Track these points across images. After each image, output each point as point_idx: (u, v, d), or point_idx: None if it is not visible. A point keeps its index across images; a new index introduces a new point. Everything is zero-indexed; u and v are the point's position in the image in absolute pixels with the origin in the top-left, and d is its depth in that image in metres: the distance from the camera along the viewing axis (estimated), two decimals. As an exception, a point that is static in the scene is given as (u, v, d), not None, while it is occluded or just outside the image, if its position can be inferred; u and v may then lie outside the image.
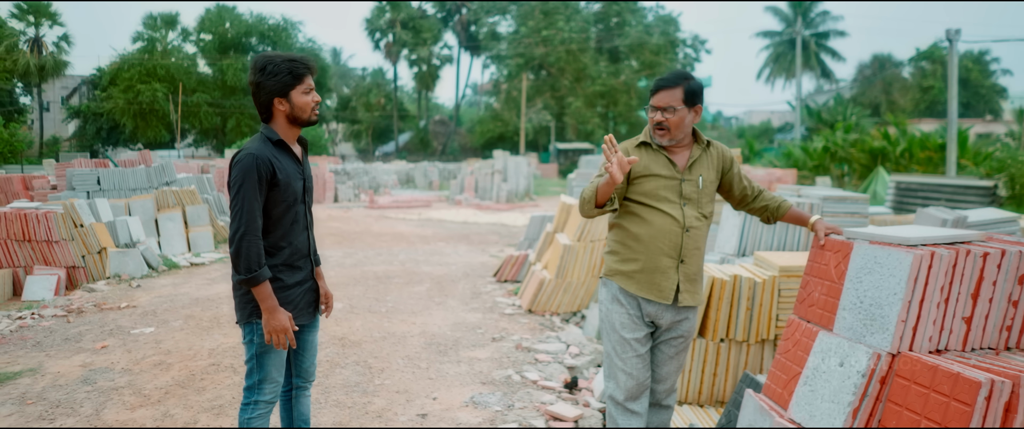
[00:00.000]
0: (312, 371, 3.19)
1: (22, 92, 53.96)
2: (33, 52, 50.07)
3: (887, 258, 2.53)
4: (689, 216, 2.99)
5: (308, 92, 2.89)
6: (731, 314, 3.99)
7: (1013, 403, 2.14)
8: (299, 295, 2.97)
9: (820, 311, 2.86)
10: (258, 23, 55.14)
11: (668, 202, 2.98)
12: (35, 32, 51.22)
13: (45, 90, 54.98)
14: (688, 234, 2.98)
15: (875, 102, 53.05)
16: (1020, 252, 2.51)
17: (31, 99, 55.11)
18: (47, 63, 50.15)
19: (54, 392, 4.72)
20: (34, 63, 49.24)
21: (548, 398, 4.59)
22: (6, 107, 46.94)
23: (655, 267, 2.98)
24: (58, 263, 8.89)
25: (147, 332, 6.37)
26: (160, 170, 13.48)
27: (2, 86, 47.08)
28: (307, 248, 3.03)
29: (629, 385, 3.04)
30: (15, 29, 50.96)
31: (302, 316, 2.99)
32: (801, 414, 2.68)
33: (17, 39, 50.42)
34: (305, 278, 3.01)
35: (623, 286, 3.04)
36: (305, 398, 3.21)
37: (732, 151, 3.17)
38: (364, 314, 7.13)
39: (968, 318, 2.50)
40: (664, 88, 2.94)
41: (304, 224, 3.00)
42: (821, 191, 5.51)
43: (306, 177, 3.03)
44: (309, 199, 3.06)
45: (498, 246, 12.88)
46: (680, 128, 2.95)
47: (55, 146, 50.01)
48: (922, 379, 2.31)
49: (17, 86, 51.75)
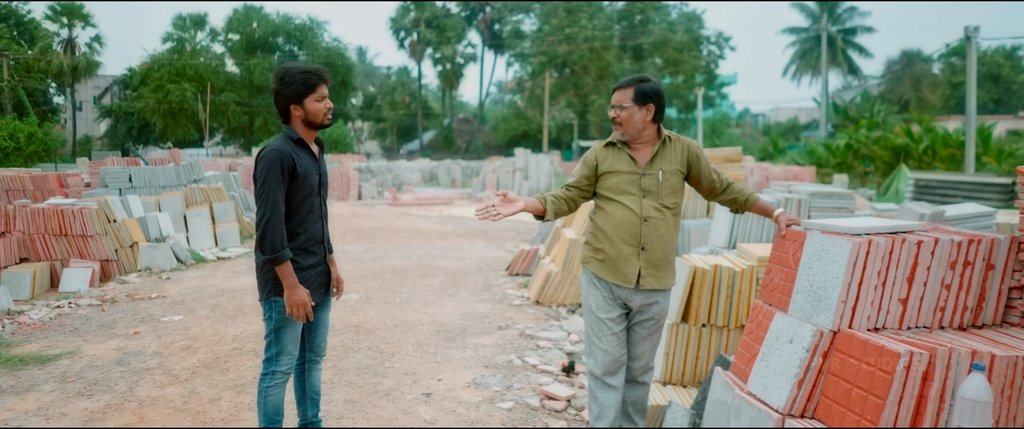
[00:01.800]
0: (323, 346, 3.57)
1: (56, 92, 55.16)
2: (66, 53, 51.19)
3: (832, 245, 2.81)
4: (647, 207, 3.31)
5: (321, 99, 3.25)
6: (712, 301, 4.27)
7: (930, 372, 2.41)
8: (313, 276, 3.34)
9: (779, 295, 3.14)
10: (284, 23, 55.89)
11: (628, 195, 3.33)
12: (68, 33, 52.35)
13: (78, 90, 56.16)
14: (646, 224, 3.29)
15: (904, 99, 52.44)
16: (952, 241, 2.77)
17: (64, 99, 56.33)
18: (80, 64, 51.23)
19: (91, 372, 5.13)
20: (67, 64, 50.33)
21: (545, 380, 4.92)
22: (41, 107, 48.01)
23: (618, 255, 3.32)
24: (92, 256, 9.35)
25: (176, 320, 6.78)
26: (189, 168, 13.96)
27: (37, 86, 48.19)
28: (321, 235, 3.40)
29: (606, 361, 3.36)
30: (49, 30, 52.13)
31: (315, 295, 3.36)
32: (757, 387, 2.97)
33: (51, 40, 51.56)
34: (318, 262, 3.38)
35: (595, 272, 3.39)
36: (317, 371, 3.58)
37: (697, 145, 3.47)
38: (379, 304, 7.49)
39: (904, 300, 2.77)
40: (619, 89, 3.35)
41: (319, 214, 3.38)
42: (809, 187, 5.75)
43: (322, 173, 3.40)
44: (324, 192, 3.44)
45: (514, 242, 13.20)
46: (631, 123, 3.30)
47: (87, 145, 51.05)
48: (855, 352, 2.59)
49: (51, 86, 52.95)
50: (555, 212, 3.38)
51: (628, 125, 3.31)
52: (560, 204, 3.40)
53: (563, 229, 7.97)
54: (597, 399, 3.43)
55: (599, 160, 3.41)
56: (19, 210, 9.29)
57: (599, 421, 3.43)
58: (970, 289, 2.81)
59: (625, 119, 3.31)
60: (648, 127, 3.34)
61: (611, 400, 3.41)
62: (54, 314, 7.05)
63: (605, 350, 3.37)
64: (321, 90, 3.25)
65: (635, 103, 3.29)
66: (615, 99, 3.35)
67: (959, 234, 2.88)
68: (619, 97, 3.33)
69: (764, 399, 2.88)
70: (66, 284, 8.81)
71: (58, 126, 49.53)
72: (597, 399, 3.43)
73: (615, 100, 3.35)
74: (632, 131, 3.32)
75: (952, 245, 2.77)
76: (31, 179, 13.68)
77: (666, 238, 3.34)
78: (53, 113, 51.12)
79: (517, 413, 4.34)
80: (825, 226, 3.00)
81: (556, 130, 55.49)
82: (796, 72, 60.74)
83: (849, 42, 58.51)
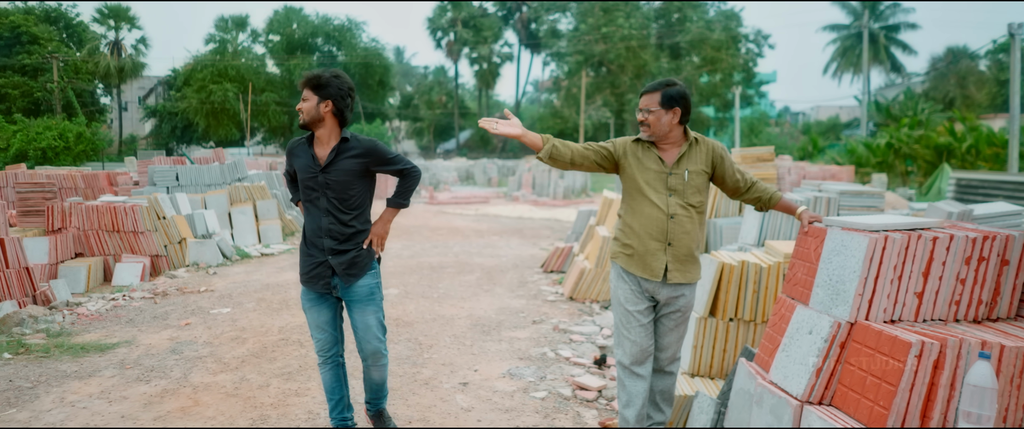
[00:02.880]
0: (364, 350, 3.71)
1: (103, 93, 56.63)
2: (113, 55, 52.51)
3: (850, 241, 2.95)
4: (673, 205, 3.47)
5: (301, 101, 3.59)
6: (739, 296, 4.40)
7: (941, 361, 2.54)
8: (307, 265, 3.63)
9: (801, 289, 3.28)
10: (324, 24, 56.69)
11: (655, 193, 3.48)
12: (115, 35, 53.70)
13: (123, 91, 57.58)
14: (672, 220, 3.46)
15: (949, 97, 51.32)
16: (966, 237, 2.89)
17: (111, 99, 57.81)
18: (126, 65, 52.52)
19: (148, 359, 5.43)
20: (114, 65, 51.63)
21: (577, 371, 5.10)
22: (88, 107, 49.35)
23: (646, 250, 3.48)
24: (143, 252, 9.74)
25: (224, 312, 7.09)
26: (232, 167, 14.38)
27: (85, 87, 49.57)
28: (313, 234, 3.60)
29: (634, 351, 3.54)
30: (96, 33, 53.53)
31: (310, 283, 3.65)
32: (778, 375, 3.11)
33: (99, 42, 52.93)
34: (315, 254, 3.60)
35: (623, 266, 3.55)
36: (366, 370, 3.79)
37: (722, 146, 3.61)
38: (417, 299, 7.73)
39: (920, 293, 2.89)
40: (646, 93, 3.51)
41: (316, 212, 3.57)
42: (839, 186, 5.84)
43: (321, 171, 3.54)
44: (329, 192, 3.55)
45: (549, 240, 13.37)
46: (658, 126, 3.46)
47: (133, 144, 52.30)
48: (870, 342, 2.73)
49: (98, 87, 54.38)
50: (551, 154, 3.41)
51: (655, 127, 3.47)
52: (562, 149, 3.43)
53: (597, 227, 8.13)
54: (626, 387, 3.61)
55: (624, 151, 3.55)
56: (74, 207, 9.72)
57: (628, 408, 3.61)
58: (985, 284, 2.92)
59: (653, 122, 3.46)
60: (675, 129, 3.49)
61: (639, 388, 3.58)
62: (110, 306, 7.41)
63: (633, 341, 3.54)
64: (304, 92, 3.55)
65: (662, 107, 3.44)
66: (643, 103, 3.50)
67: (974, 231, 2.99)
68: (647, 101, 3.48)
69: (784, 387, 3.03)
70: (119, 278, 9.21)
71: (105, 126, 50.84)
72: (626, 387, 3.61)
73: (643, 104, 3.50)
74: (659, 133, 3.48)
75: (966, 241, 2.89)
76: (82, 178, 14.19)
77: (692, 234, 3.49)
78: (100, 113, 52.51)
79: (550, 402, 4.53)
80: (845, 223, 3.12)
81: (592, 129, 55.47)
82: (837, 70, 59.85)
83: (892, 39, 57.49)
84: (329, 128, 3.56)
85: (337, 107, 3.52)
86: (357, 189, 3.59)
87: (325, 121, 3.54)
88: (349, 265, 3.57)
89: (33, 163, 33.40)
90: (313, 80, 3.51)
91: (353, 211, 3.58)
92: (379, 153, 3.59)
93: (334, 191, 3.54)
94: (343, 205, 3.55)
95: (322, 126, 3.55)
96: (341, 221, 3.56)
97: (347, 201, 3.56)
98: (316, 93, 3.50)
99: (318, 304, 3.67)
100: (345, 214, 3.56)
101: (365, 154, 3.56)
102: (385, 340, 3.74)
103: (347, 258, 3.57)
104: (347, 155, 3.54)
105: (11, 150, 35.63)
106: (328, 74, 3.53)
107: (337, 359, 3.77)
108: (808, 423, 2.81)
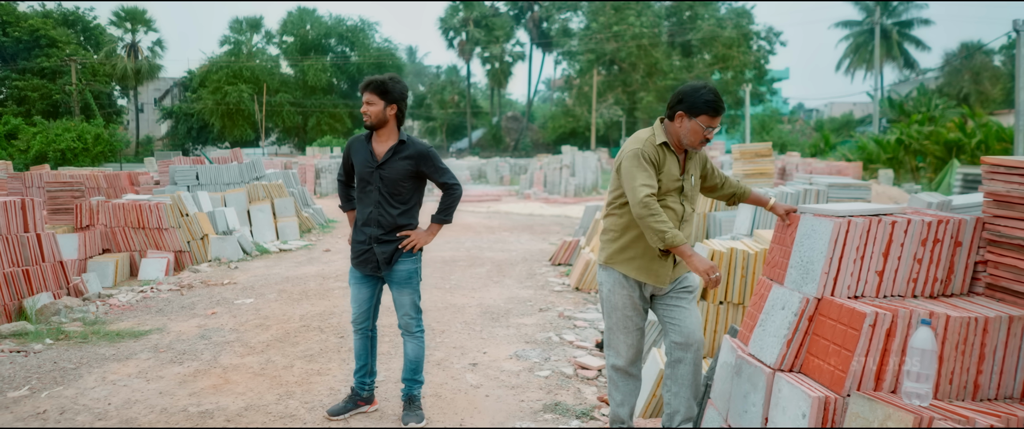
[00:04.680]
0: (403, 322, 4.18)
1: (119, 95, 57.38)
2: (130, 57, 53.25)
3: (818, 225, 3.27)
4: (686, 210, 3.60)
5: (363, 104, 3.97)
6: (728, 280, 4.73)
7: (893, 329, 2.86)
8: (357, 250, 4.06)
9: (777, 270, 3.60)
10: (337, 25, 57.21)
11: (672, 197, 3.54)
12: (132, 38, 54.47)
13: (140, 93, 58.36)
14: (684, 224, 3.60)
15: (963, 93, 51.13)
16: (922, 221, 3.21)
17: (127, 101, 58.56)
18: (142, 67, 53.24)
19: (179, 344, 5.83)
20: (131, 67, 52.36)
21: (580, 354, 5.44)
22: (106, 109, 50.12)
23: (653, 256, 3.53)
24: (167, 247, 10.16)
25: (247, 302, 7.49)
26: (250, 166, 14.80)
27: (102, 89, 50.35)
28: (364, 219, 4.03)
29: (631, 354, 3.67)
30: (113, 35, 54.29)
31: (360, 268, 4.10)
32: (755, 348, 3.44)
33: (115, 45, 53.69)
34: (363, 240, 4.03)
35: (624, 272, 3.57)
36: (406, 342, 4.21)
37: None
38: (430, 289, 8.10)
39: (880, 272, 3.21)
40: (718, 115, 3.45)
41: (368, 202, 4.00)
42: (828, 179, 6.15)
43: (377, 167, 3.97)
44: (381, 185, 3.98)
45: (558, 235, 13.71)
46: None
47: (149, 145, 52.98)
48: (833, 315, 3.05)
49: (115, 89, 55.16)
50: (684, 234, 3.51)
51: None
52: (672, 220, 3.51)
53: (602, 220, 8.46)
54: (619, 387, 3.70)
55: (661, 160, 3.50)
56: (101, 205, 10.15)
57: (622, 407, 3.72)
58: (940, 263, 3.24)
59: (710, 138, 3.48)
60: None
61: (634, 387, 3.73)
62: (139, 298, 7.82)
63: (630, 345, 3.65)
64: (365, 96, 3.94)
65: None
66: (714, 123, 3.45)
67: (930, 215, 3.31)
68: (715, 122, 3.46)
69: (760, 358, 3.36)
70: (144, 273, 9.62)
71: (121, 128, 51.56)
72: (619, 387, 3.70)
73: (714, 123, 3.45)
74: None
75: (922, 225, 3.21)
76: (104, 177, 14.65)
77: (691, 234, 3.75)
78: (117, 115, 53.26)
79: (553, 380, 4.88)
80: (816, 210, 3.45)
81: (604, 127, 55.75)
82: (850, 66, 59.82)
83: (905, 35, 57.41)
84: (390, 128, 3.99)
85: (400, 110, 3.97)
86: (407, 186, 4.00)
87: (389, 123, 3.97)
88: (389, 257, 4.02)
89: (54, 164, 34.08)
90: (380, 86, 3.90)
91: (401, 206, 4.00)
92: (430, 160, 4.01)
93: (386, 185, 3.96)
94: (393, 198, 3.97)
95: (385, 127, 3.97)
96: (388, 213, 3.98)
97: (397, 195, 3.98)
98: (382, 98, 3.91)
99: (361, 282, 4.14)
100: (393, 208, 3.98)
101: (417, 157, 3.97)
102: (419, 319, 4.19)
103: (389, 248, 4.00)
104: (401, 155, 3.96)
105: (31, 152, 36.34)
106: (391, 79, 3.93)
107: (367, 332, 4.21)
108: (779, 388, 3.15)
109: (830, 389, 2.96)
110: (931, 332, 2.71)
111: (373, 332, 4.24)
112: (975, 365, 2.90)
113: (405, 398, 4.23)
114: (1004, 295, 3.11)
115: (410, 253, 4.06)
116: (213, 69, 52.88)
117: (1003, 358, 2.91)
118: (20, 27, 46.68)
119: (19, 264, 7.08)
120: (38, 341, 5.87)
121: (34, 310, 6.73)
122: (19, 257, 7.10)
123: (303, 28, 56.34)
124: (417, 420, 4.10)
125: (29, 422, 4.11)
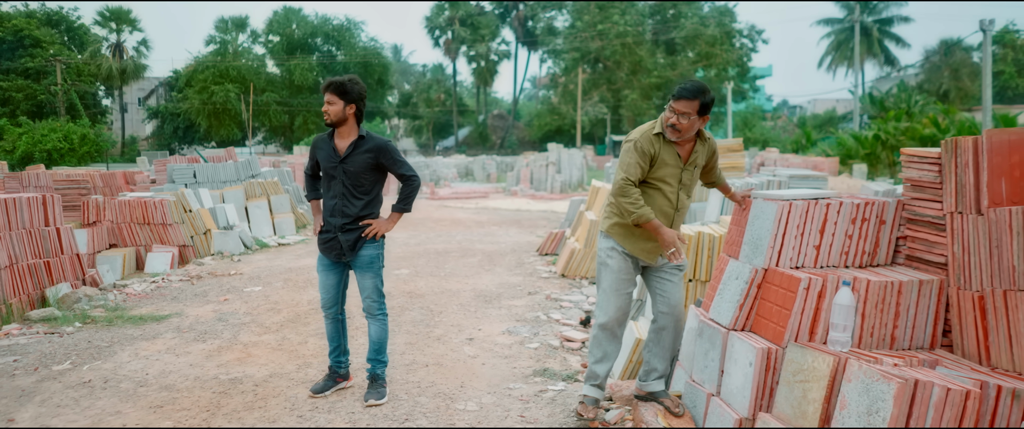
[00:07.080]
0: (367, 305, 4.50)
1: (104, 95, 57.29)
2: (115, 57, 53.16)
3: (766, 207, 3.86)
4: (681, 199, 3.97)
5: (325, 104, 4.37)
6: (697, 260, 5.32)
7: (823, 292, 3.46)
8: (324, 238, 4.45)
9: (734, 247, 4.19)
10: (323, 24, 57.37)
11: (669, 186, 3.88)
12: (116, 38, 54.37)
13: (124, 93, 58.25)
14: (678, 213, 4.05)
15: (943, 89, 52.06)
16: (852, 203, 3.80)
17: (112, 101, 58.46)
18: (128, 67, 53.08)
19: (199, 326, 6.36)
20: (116, 67, 52.22)
21: (566, 329, 6.03)
22: (91, 109, 50.10)
23: (648, 237, 3.90)
24: (172, 242, 10.65)
25: (256, 290, 8.02)
26: (246, 165, 15.27)
27: (87, 90, 50.34)
28: (331, 211, 4.40)
29: (618, 315, 4.09)
30: (98, 35, 54.14)
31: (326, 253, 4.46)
32: (714, 313, 4.03)
33: (100, 45, 53.56)
34: (328, 229, 4.42)
35: (621, 243, 3.95)
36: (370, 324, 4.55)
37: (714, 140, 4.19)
38: (427, 277, 8.67)
39: (817, 246, 3.81)
40: (684, 99, 3.69)
41: (333, 194, 4.39)
42: (789, 171, 6.76)
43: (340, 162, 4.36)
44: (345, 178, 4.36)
45: (545, 229, 14.29)
46: (689, 130, 3.78)
47: (134, 145, 52.88)
48: (776, 282, 3.65)
49: (100, 89, 55.10)
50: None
51: (686, 132, 3.77)
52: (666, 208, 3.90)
53: (586, 212, 9.05)
54: (601, 345, 4.03)
55: (656, 150, 3.78)
56: (108, 202, 10.64)
57: (601, 364, 4.05)
58: (867, 238, 3.84)
59: (686, 127, 3.73)
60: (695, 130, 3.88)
61: (615, 348, 4.14)
62: (153, 287, 8.34)
63: (618, 306, 4.00)
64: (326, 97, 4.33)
65: (697, 114, 3.73)
66: (679, 107, 3.68)
67: (859, 199, 3.91)
68: (684, 107, 3.68)
69: (718, 321, 3.95)
70: (150, 266, 10.11)
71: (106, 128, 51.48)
72: (601, 345, 4.03)
73: (679, 108, 3.68)
74: (687, 135, 3.83)
75: (852, 206, 3.80)
76: (100, 177, 15.04)
77: (683, 221, 4.19)
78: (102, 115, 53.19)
79: (542, 351, 5.47)
80: (766, 194, 4.04)
81: (589, 125, 56.45)
82: (831, 63, 60.71)
83: (885, 32, 58.37)
84: (350, 126, 4.38)
85: (358, 109, 4.37)
86: (369, 178, 4.39)
87: (348, 121, 4.36)
88: (353, 244, 4.39)
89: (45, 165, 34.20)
90: (339, 87, 4.29)
91: (364, 197, 4.39)
92: (388, 153, 4.39)
93: (349, 178, 4.36)
94: (356, 190, 4.37)
95: (345, 124, 4.36)
96: (352, 204, 4.37)
97: (359, 187, 4.38)
98: (342, 98, 4.30)
99: (328, 269, 4.52)
100: (357, 199, 4.38)
101: (376, 150, 4.37)
102: (382, 302, 4.52)
103: (353, 236, 4.39)
104: (362, 149, 4.36)
105: (17, 152, 36.33)
106: (349, 81, 4.33)
107: (336, 315, 4.61)
108: (732, 344, 3.74)
109: (773, 342, 3.55)
110: (850, 292, 3.32)
111: (342, 315, 4.64)
112: (892, 321, 3.50)
113: (369, 377, 4.54)
114: (919, 264, 3.72)
115: (373, 240, 4.42)
116: (199, 69, 52.87)
117: (915, 315, 3.52)
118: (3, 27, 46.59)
119: (41, 256, 7.58)
120: (68, 325, 6.38)
121: (56, 299, 7.24)
122: (41, 249, 7.60)
123: (289, 27, 56.49)
124: (378, 397, 4.42)
125: (79, 390, 4.64)
